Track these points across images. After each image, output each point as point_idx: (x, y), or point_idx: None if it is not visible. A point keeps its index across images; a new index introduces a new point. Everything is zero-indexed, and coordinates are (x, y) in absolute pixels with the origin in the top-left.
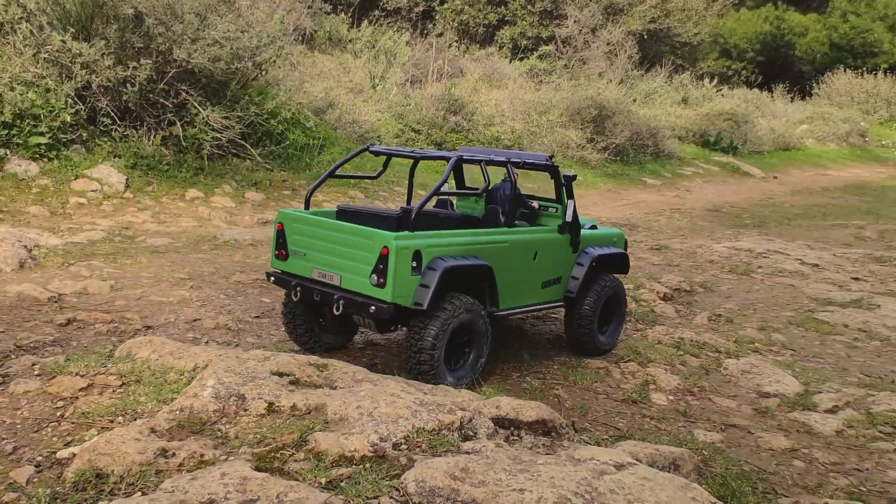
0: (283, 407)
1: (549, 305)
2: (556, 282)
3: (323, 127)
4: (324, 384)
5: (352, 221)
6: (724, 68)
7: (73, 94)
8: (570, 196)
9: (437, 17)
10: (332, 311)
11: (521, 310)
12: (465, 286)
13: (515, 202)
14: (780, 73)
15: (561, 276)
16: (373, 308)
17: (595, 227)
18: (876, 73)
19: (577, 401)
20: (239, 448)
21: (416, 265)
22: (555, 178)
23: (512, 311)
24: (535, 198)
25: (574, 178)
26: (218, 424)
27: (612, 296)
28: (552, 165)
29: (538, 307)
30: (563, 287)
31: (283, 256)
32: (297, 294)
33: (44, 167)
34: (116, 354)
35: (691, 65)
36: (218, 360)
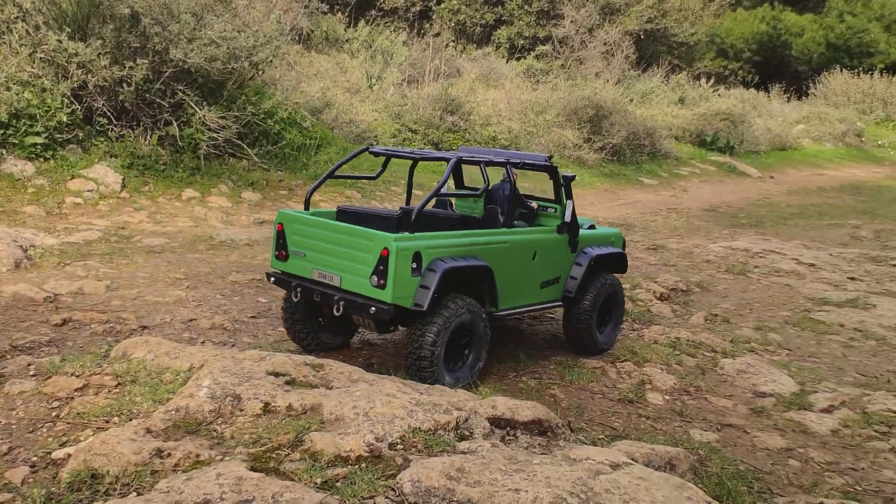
0: (278, 407)
1: (547, 305)
2: (554, 282)
3: (320, 127)
4: (320, 384)
5: (351, 222)
6: (721, 68)
7: (70, 94)
8: (569, 196)
9: (433, 17)
10: (331, 312)
11: (520, 310)
12: (465, 287)
13: (514, 202)
14: (776, 73)
15: (560, 276)
16: (373, 309)
17: (593, 226)
18: (872, 73)
19: (574, 400)
20: (234, 448)
21: (416, 266)
22: (554, 179)
23: (511, 312)
24: (533, 198)
25: (573, 178)
26: (214, 425)
27: (611, 295)
28: (551, 166)
29: (537, 307)
30: (562, 287)
31: (283, 257)
32: (298, 295)
33: (40, 167)
34: (112, 355)
35: (688, 65)
36: (214, 360)
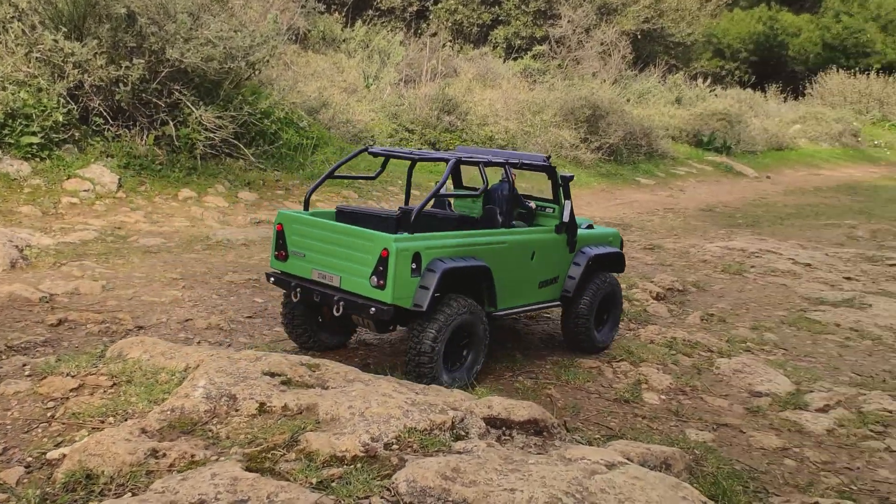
0: (274, 407)
1: (546, 305)
2: (553, 281)
3: (316, 127)
4: (315, 384)
5: (350, 222)
6: (718, 68)
7: (66, 94)
8: (568, 196)
9: (430, 17)
10: (330, 311)
11: (518, 309)
12: (464, 287)
13: (513, 203)
14: (773, 73)
15: (558, 276)
16: (373, 309)
17: (591, 226)
18: (868, 74)
19: (570, 400)
20: (230, 448)
21: (415, 267)
22: (552, 179)
23: (510, 311)
24: (532, 198)
25: (571, 178)
26: (209, 425)
27: (609, 294)
28: (550, 166)
29: (536, 307)
30: (560, 286)
31: (282, 257)
32: (297, 295)
33: (36, 167)
34: (108, 355)
35: (685, 65)
36: (209, 360)
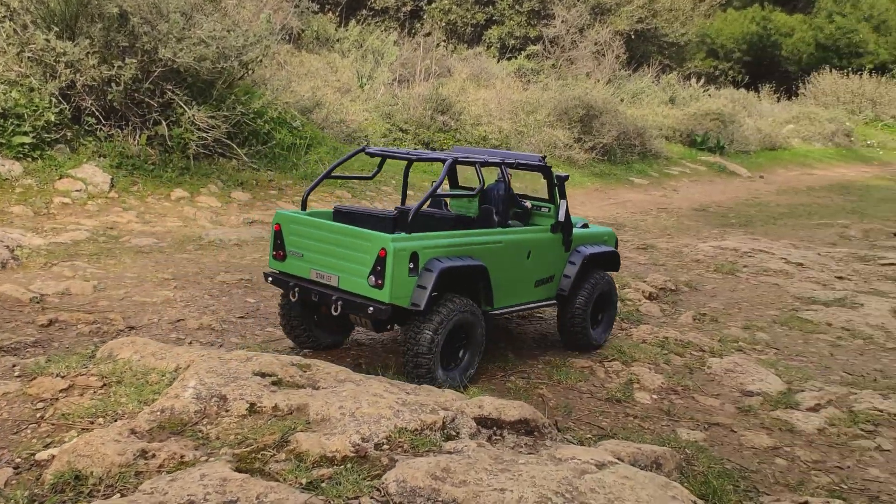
0: (264, 407)
1: (541, 304)
2: (548, 280)
3: (310, 126)
4: (306, 384)
5: (348, 222)
6: (711, 68)
7: (58, 94)
8: (563, 196)
9: (424, 17)
10: (328, 311)
11: (514, 308)
12: (461, 286)
13: (509, 202)
14: (766, 73)
15: (554, 275)
16: (371, 309)
17: (586, 225)
18: (861, 74)
19: (562, 400)
20: (220, 449)
21: (413, 266)
22: (547, 179)
23: (506, 310)
24: (528, 198)
25: (566, 178)
26: (199, 425)
27: (604, 293)
28: (545, 166)
29: (532, 305)
30: (556, 285)
31: (280, 257)
32: (296, 295)
33: (27, 167)
34: (98, 355)
35: (678, 65)
36: (200, 360)
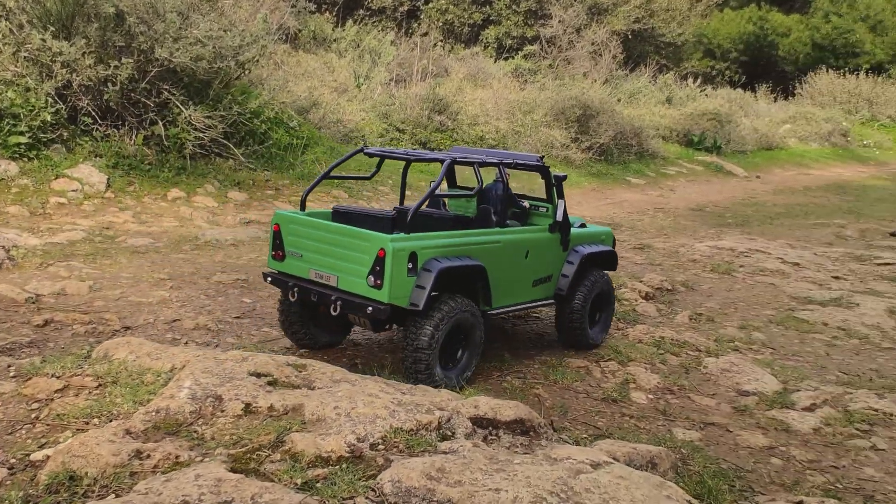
0: (260, 408)
1: (540, 303)
2: (546, 280)
3: (306, 126)
4: (302, 385)
5: (347, 222)
6: (708, 68)
7: (54, 94)
8: (561, 196)
9: (421, 17)
10: (327, 311)
11: (513, 308)
12: (459, 286)
13: (507, 202)
14: (763, 73)
15: (552, 274)
16: (370, 309)
17: (584, 225)
18: (858, 74)
19: (558, 400)
20: (215, 449)
21: (411, 266)
22: (545, 179)
23: (504, 310)
24: (526, 197)
25: (564, 178)
26: (194, 426)
27: (602, 292)
28: (543, 166)
29: (529, 305)
30: (554, 285)
31: (279, 257)
32: (295, 295)
33: (23, 167)
34: (93, 356)
35: (675, 65)
36: (195, 360)
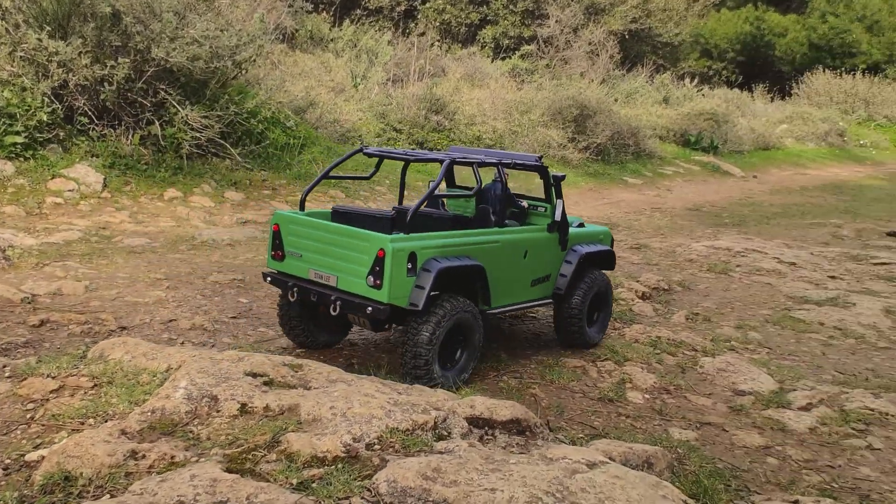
0: (256, 408)
1: (538, 303)
2: (545, 279)
3: (303, 126)
4: (298, 385)
5: (346, 222)
6: (705, 68)
7: (50, 93)
8: (559, 196)
9: (419, 17)
10: (326, 311)
11: (511, 307)
12: (458, 286)
13: (506, 202)
14: (760, 73)
15: (550, 274)
16: (369, 309)
17: (582, 224)
18: (854, 74)
19: (554, 400)
20: (210, 449)
21: (411, 266)
22: (544, 179)
23: (503, 310)
24: (524, 197)
25: (563, 178)
26: (190, 426)
27: (600, 291)
28: (542, 166)
29: (528, 304)
30: (552, 284)
31: (279, 257)
32: (295, 295)
33: (20, 167)
34: (89, 356)
35: (672, 65)
36: (191, 360)
